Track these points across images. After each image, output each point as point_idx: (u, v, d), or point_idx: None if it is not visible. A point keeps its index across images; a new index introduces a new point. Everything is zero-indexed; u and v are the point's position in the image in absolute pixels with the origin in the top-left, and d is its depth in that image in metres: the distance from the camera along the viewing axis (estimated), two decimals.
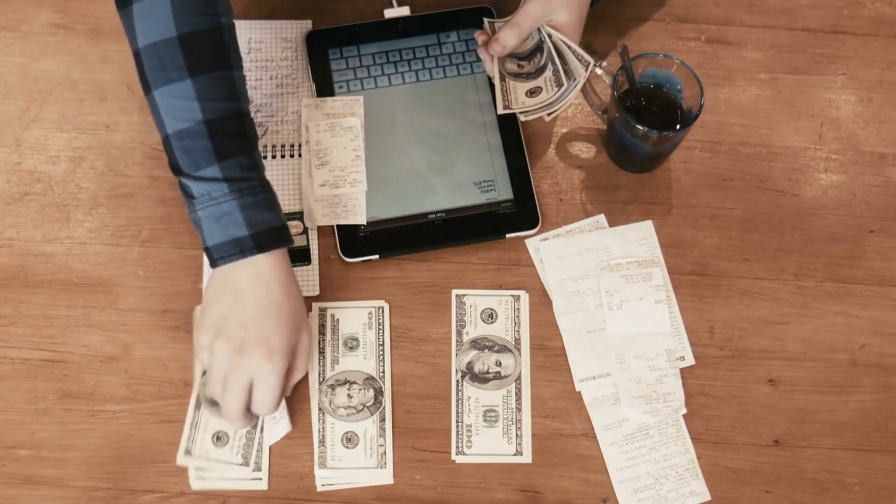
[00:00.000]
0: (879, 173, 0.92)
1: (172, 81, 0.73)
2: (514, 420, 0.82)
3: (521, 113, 0.87)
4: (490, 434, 0.82)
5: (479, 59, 0.93)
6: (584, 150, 0.93)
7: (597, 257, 0.87)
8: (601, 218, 0.89)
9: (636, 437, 0.82)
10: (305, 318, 0.77)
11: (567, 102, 0.86)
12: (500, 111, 0.86)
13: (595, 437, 0.82)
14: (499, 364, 0.84)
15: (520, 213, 0.88)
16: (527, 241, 0.88)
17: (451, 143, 0.90)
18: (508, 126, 0.91)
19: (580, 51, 0.84)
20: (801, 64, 0.96)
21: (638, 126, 0.81)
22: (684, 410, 0.83)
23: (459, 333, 0.85)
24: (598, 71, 0.86)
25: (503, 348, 0.84)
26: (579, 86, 0.85)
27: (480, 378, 0.83)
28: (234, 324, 0.73)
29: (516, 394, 0.83)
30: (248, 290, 0.73)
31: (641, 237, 0.88)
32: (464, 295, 0.86)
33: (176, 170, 0.74)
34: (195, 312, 0.83)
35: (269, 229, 0.74)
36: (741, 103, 0.94)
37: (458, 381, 0.83)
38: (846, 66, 0.96)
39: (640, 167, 0.91)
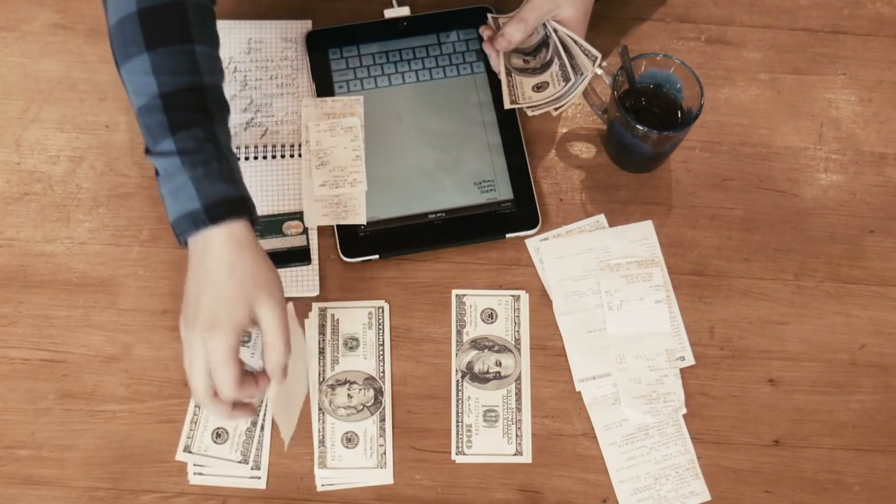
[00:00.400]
0: (879, 173, 0.92)
1: (132, 57, 0.72)
2: (514, 420, 0.82)
3: (528, 108, 0.88)
4: (490, 434, 0.82)
5: (479, 59, 0.93)
6: (584, 150, 0.93)
7: (597, 257, 0.87)
8: (601, 218, 0.89)
9: (636, 437, 0.82)
10: (270, 291, 0.70)
11: (574, 97, 0.86)
12: (508, 105, 0.86)
13: (595, 437, 0.82)
14: (499, 364, 0.84)
15: (520, 213, 0.88)
16: (527, 241, 0.88)
17: (451, 142, 0.90)
18: (508, 126, 0.91)
19: (587, 45, 0.85)
20: (801, 64, 0.96)
21: (638, 126, 0.81)
22: (684, 410, 0.83)
23: (459, 333, 0.85)
24: (598, 71, 0.86)
25: (503, 348, 0.84)
26: (587, 80, 0.85)
27: (480, 378, 0.83)
28: (190, 302, 0.70)
29: (516, 394, 0.83)
30: (200, 264, 0.70)
31: (641, 237, 0.88)
32: (464, 295, 0.86)
33: (145, 149, 0.73)
34: None
35: (223, 200, 0.70)
36: (741, 103, 0.94)
37: (458, 381, 0.83)
38: (846, 66, 0.96)
39: (640, 167, 0.91)
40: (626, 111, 0.82)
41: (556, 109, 0.88)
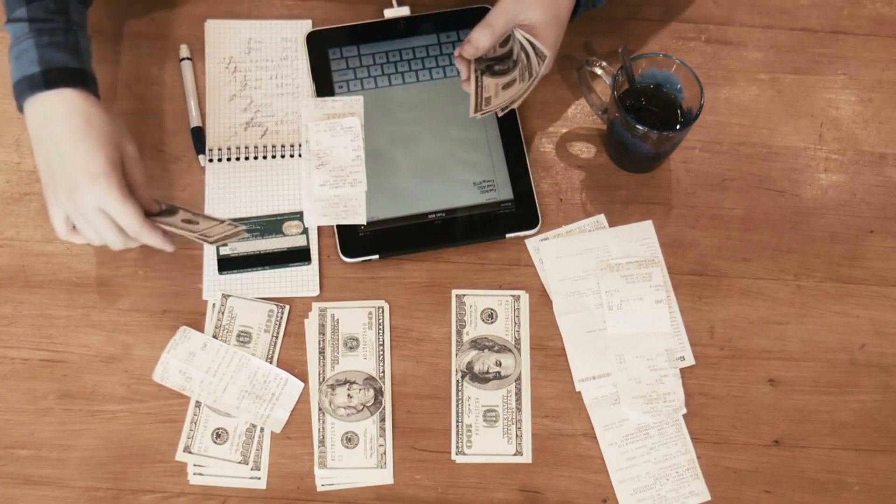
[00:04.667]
0: (879, 173, 0.92)
1: None
2: (514, 420, 0.82)
3: (497, 110, 0.87)
4: (490, 434, 0.82)
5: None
6: (584, 150, 0.93)
7: (597, 257, 0.87)
8: (601, 218, 0.89)
9: (636, 437, 0.82)
10: (122, 133, 0.76)
11: (523, 98, 0.86)
12: (471, 115, 0.84)
13: (595, 437, 0.82)
14: (499, 364, 0.84)
15: (520, 213, 0.88)
16: (527, 241, 0.88)
17: (451, 142, 0.90)
18: (508, 126, 0.91)
19: (539, 45, 0.82)
20: (801, 64, 0.96)
21: (638, 126, 0.81)
22: (684, 410, 0.83)
23: (459, 333, 0.85)
24: (598, 71, 0.86)
25: (503, 348, 0.84)
26: (537, 80, 0.84)
27: (480, 378, 0.83)
28: (54, 171, 0.73)
29: (516, 394, 0.83)
30: (46, 128, 0.74)
31: (641, 237, 0.88)
32: (464, 295, 0.86)
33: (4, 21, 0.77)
34: None
35: (61, 68, 0.74)
36: (741, 103, 0.94)
37: (458, 381, 0.83)
38: (846, 66, 0.96)
39: (640, 167, 0.91)
40: (626, 111, 0.82)
41: (501, 111, 0.87)
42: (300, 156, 0.90)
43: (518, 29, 0.82)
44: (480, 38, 0.80)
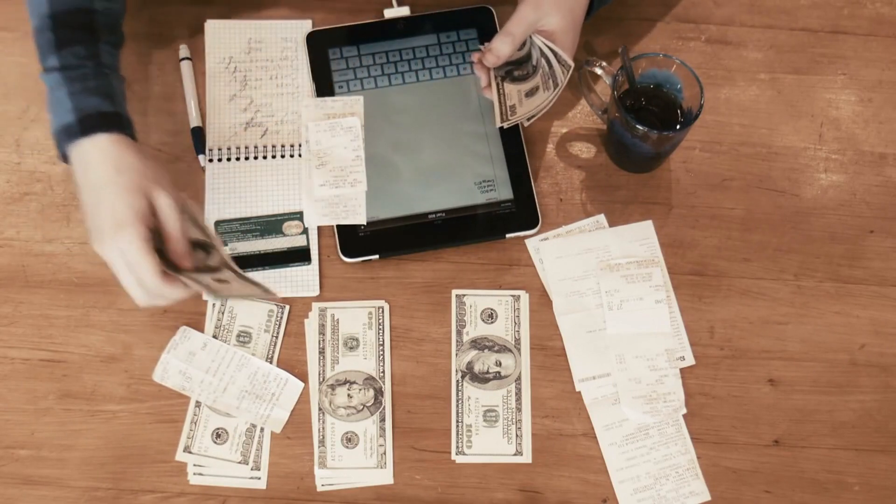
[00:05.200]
0: (879, 173, 0.92)
1: None
2: (514, 420, 0.82)
3: (523, 119, 0.87)
4: (490, 434, 0.82)
5: None
6: (584, 150, 0.93)
7: (597, 257, 0.87)
8: (601, 218, 0.89)
9: (636, 437, 0.82)
10: (160, 181, 0.73)
11: (548, 107, 0.86)
12: (498, 124, 0.85)
13: (595, 437, 0.82)
14: (499, 364, 0.84)
15: (520, 213, 0.88)
16: (527, 241, 0.88)
17: (451, 142, 0.90)
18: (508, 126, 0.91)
19: (562, 54, 0.83)
20: (801, 64, 0.96)
21: (638, 126, 0.81)
22: (684, 410, 0.83)
23: (459, 333, 0.85)
24: (598, 71, 0.86)
25: (503, 348, 0.84)
26: (560, 90, 0.85)
27: (480, 378, 0.83)
28: (89, 215, 0.73)
29: (516, 394, 0.83)
30: (86, 176, 0.73)
31: (641, 237, 0.88)
32: (464, 295, 0.86)
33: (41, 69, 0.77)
34: None
35: (96, 114, 0.74)
36: (741, 103, 0.94)
37: (458, 381, 0.83)
38: (846, 66, 0.96)
39: (640, 167, 0.91)
40: (626, 111, 0.82)
41: (528, 120, 0.87)
42: (300, 156, 0.90)
43: (537, 35, 0.83)
44: (501, 47, 0.82)
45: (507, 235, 0.88)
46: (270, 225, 0.88)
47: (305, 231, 0.87)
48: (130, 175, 0.72)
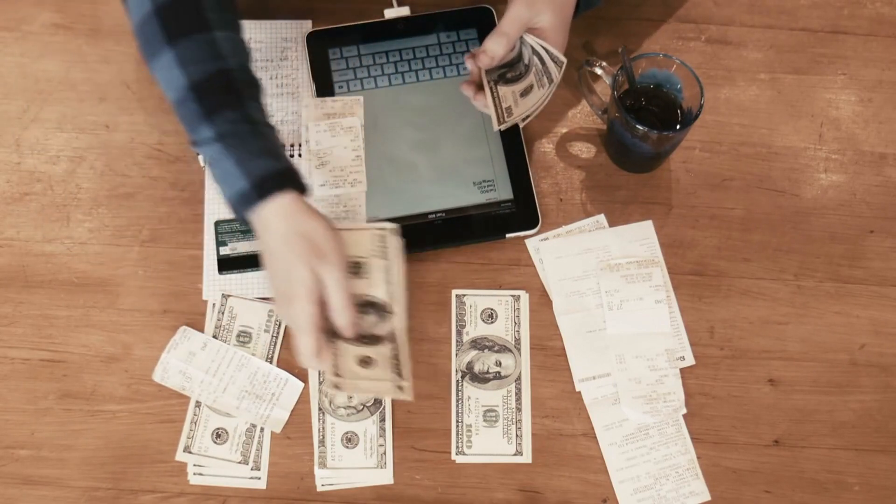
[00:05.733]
0: (879, 173, 0.92)
1: (158, 54, 0.73)
2: (514, 420, 0.82)
3: (519, 120, 0.87)
4: (490, 434, 0.82)
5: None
6: (584, 150, 0.93)
7: (597, 257, 0.87)
8: (601, 218, 0.89)
9: (636, 437, 0.82)
10: (325, 255, 0.72)
11: (543, 105, 0.86)
12: (496, 128, 0.85)
13: (595, 437, 0.82)
14: (499, 364, 0.84)
15: (520, 213, 0.88)
16: (527, 241, 0.88)
17: (451, 142, 0.90)
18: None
19: (554, 51, 0.83)
20: (801, 64, 0.96)
21: (638, 126, 0.81)
22: (684, 410, 0.83)
23: (459, 333, 0.85)
24: (598, 71, 0.86)
25: (503, 348, 0.84)
26: (555, 86, 0.85)
27: (480, 378, 0.83)
28: (268, 278, 0.75)
29: (516, 394, 0.83)
30: (263, 240, 0.74)
31: (641, 237, 0.88)
32: (464, 295, 0.86)
33: (189, 140, 0.75)
34: None
35: (268, 175, 0.73)
36: (741, 103, 0.94)
37: (458, 381, 0.83)
38: (846, 66, 0.96)
39: (640, 167, 0.91)
40: (626, 111, 0.82)
41: (523, 120, 0.87)
42: (300, 156, 0.90)
43: (528, 34, 0.83)
44: (495, 47, 0.81)
45: (507, 235, 0.88)
46: None
47: None
48: (302, 247, 0.72)
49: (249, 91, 0.75)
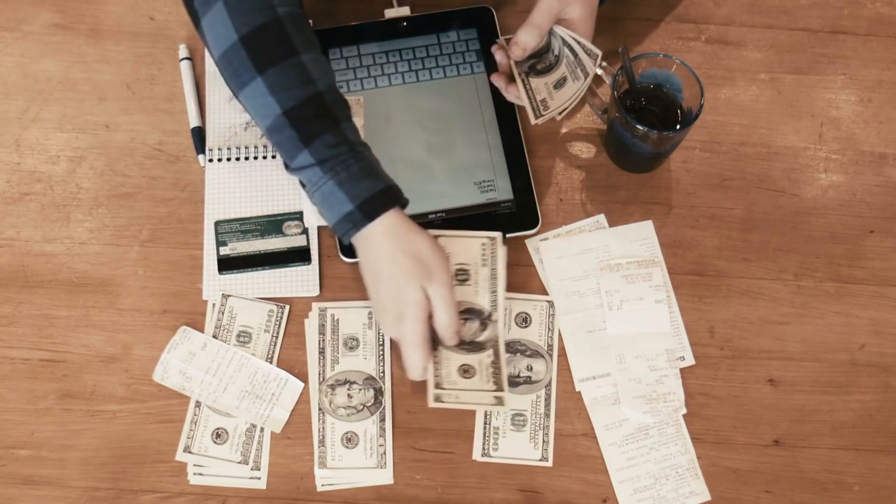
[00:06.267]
0: (879, 173, 0.92)
1: (247, 83, 0.74)
2: (541, 426, 0.82)
3: (556, 113, 0.86)
4: (517, 438, 0.81)
5: (479, 59, 0.93)
6: (584, 150, 0.93)
7: (597, 257, 0.87)
8: (601, 218, 0.89)
9: (636, 437, 0.82)
10: (431, 271, 0.75)
11: (578, 98, 0.86)
12: (533, 121, 0.85)
13: (595, 437, 0.82)
14: (530, 369, 0.84)
15: (520, 213, 0.88)
16: (527, 241, 0.88)
17: (451, 142, 0.90)
18: (508, 126, 0.91)
19: (588, 44, 0.84)
20: (801, 64, 0.96)
21: (638, 126, 0.81)
22: (684, 410, 0.83)
23: None
24: (599, 71, 0.86)
25: (535, 353, 0.84)
26: (591, 79, 0.85)
27: (511, 382, 0.83)
28: (373, 298, 0.77)
29: (545, 400, 0.83)
30: (368, 260, 0.76)
31: (641, 237, 0.88)
32: None
33: (285, 165, 0.77)
34: None
35: (372, 196, 0.74)
36: (741, 103, 0.94)
37: None
38: (846, 66, 0.96)
39: (640, 167, 0.91)
40: (626, 111, 0.82)
41: (560, 113, 0.87)
42: None
43: (558, 25, 0.84)
44: (528, 39, 0.83)
45: (507, 235, 0.88)
46: (270, 225, 0.87)
47: (305, 231, 0.87)
48: (405, 267, 0.74)
49: (342, 112, 0.76)
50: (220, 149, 0.90)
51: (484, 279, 0.82)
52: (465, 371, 0.78)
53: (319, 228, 0.88)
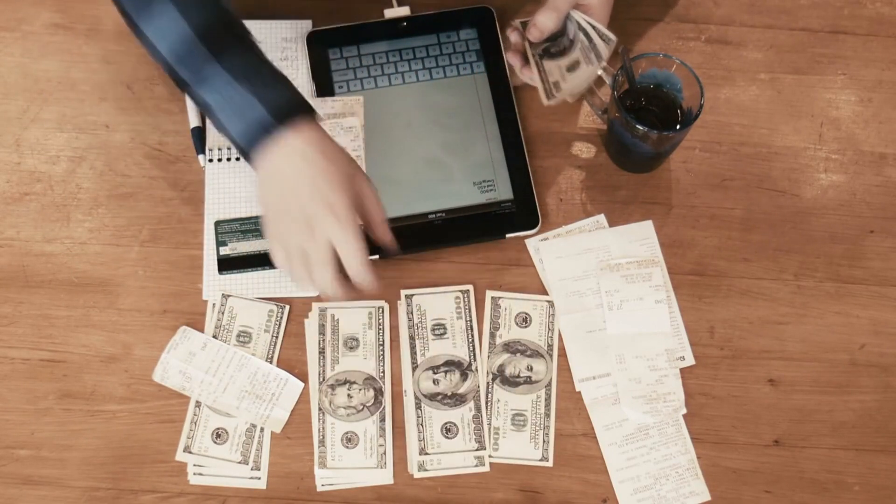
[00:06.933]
0: (879, 173, 0.92)
1: (153, 8, 0.73)
2: (542, 426, 0.82)
3: (567, 96, 0.86)
4: (517, 438, 0.81)
5: (479, 59, 0.93)
6: (584, 150, 0.93)
7: (597, 257, 0.87)
8: (601, 218, 0.89)
9: (636, 437, 0.82)
10: (356, 168, 0.74)
11: (590, 82, 0.86)
12: (546, 102, 0.85)
13: (595, 437, 0.82)
14: (530, 369, 0.84)
15: (520, 213, 0.88)
16: (527, 241, 0.88)
17: (451, 142, 0.90)
18: (509, 126, 0.91)
19: (603, 29, 0.85)
20: (801, 64, 0.96)
21: (638, 126, 0.81)
22: (684, 410, 0.83)
23: (493, 336, 0.85)
24: (599, 71, 0.86)
25: (535, 353, 0.84)
26: (604, 64, 0.85)
27: (511, 382, 0.83)
28: (293, 208, 0.71)
29: (546, 400, 0.83)
30: (289, 170, 0.72)
31: (641, 237, 0.88)
32: (499, 298, 0.86)
33: (183, 85, 0.74)
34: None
35: (287, 103, 0.72)
36: (741, 103, 0.94)
37: (488, 383, 0.83)
38: (846, 66, 0.96)
39: (640, 167, 0.91)
40: (626, 111, 0.82)
41: (571, 96, 0.87)
42: None
43: (574, 10, 0.85)
44: (546, 21, 0.84)
45: (507, 235, 0.88)
46: None
47: None
48: (336, 160, 0.72)
49: (247, 33, 0.76)
50: (220, 149, 0.90)
51: (461, 331, 0.83)
52: (448, 430, 0.80)
53: None
